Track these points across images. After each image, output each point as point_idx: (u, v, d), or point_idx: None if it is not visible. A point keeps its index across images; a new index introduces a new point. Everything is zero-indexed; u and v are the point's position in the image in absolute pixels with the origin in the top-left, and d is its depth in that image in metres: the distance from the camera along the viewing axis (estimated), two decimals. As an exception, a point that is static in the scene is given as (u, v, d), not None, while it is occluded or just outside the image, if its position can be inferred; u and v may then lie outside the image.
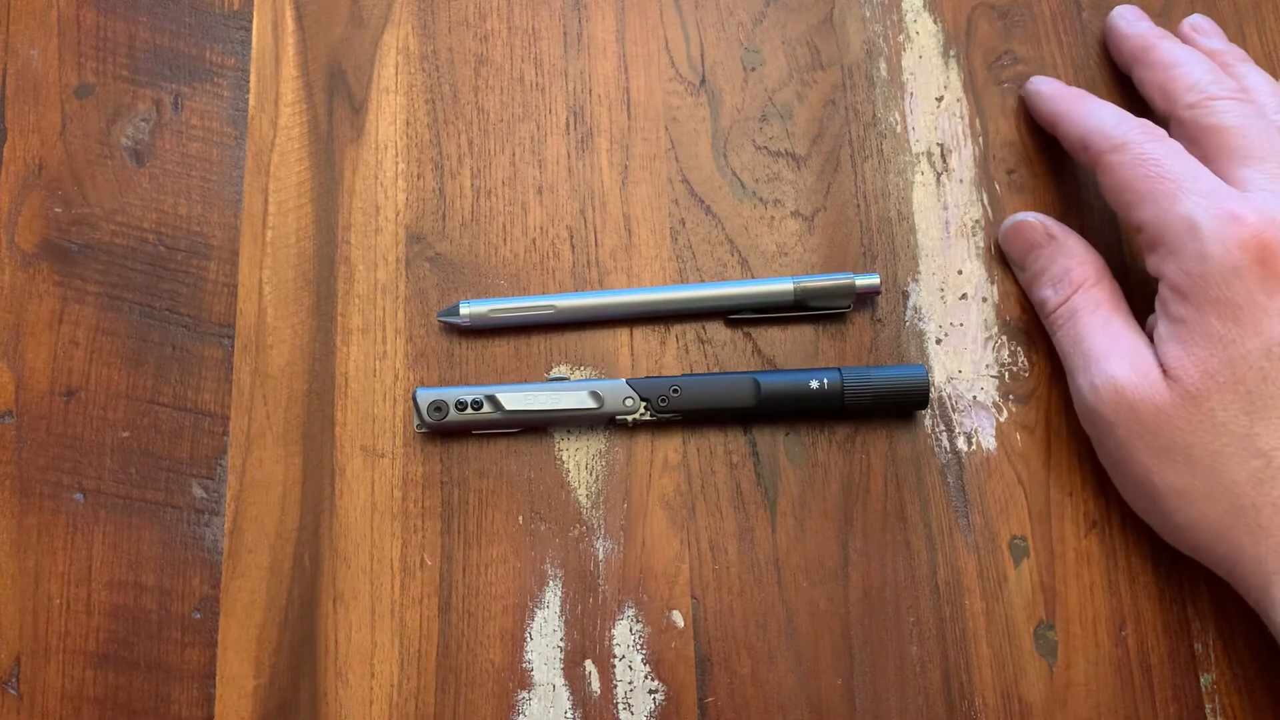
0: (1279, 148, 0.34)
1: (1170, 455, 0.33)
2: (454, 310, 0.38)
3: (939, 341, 0.39)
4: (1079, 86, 0.42)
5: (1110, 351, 0.34)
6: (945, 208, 0.41)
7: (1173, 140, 0.35)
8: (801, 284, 0.38)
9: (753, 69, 0.42)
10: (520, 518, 0.37)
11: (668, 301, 0.39)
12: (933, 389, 0.39)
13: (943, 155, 0.41)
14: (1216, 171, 0.34)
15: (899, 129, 0.42)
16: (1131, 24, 0.40)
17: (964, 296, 0.40)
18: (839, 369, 0.37)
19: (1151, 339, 0.35)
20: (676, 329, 0.39)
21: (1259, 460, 0.32)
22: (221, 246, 0.40)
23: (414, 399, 0.37)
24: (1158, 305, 0.34)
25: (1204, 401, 0.32)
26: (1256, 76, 0.38)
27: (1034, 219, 0.38)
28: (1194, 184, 0.33)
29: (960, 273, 0.40)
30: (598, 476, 0.38)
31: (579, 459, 0.38)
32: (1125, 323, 0.36)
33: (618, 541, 0.37)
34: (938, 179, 0.41)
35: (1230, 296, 0.32)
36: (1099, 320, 0.35)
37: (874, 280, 0.39)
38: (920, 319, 0.40)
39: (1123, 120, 0.36)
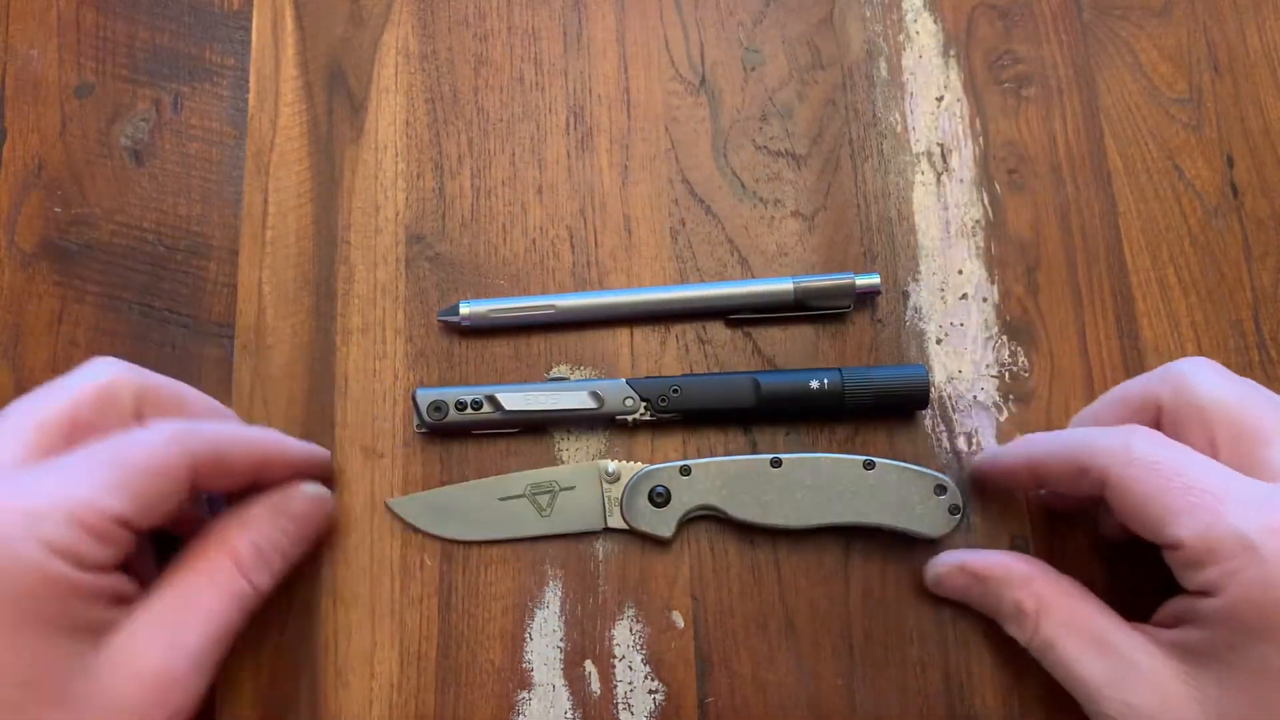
0: None
1: None
2: (454, 310, 0.38)
3: (939, 341, 0.39)
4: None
5: (1115, 678, 0.30)
6: (945, 208, 0.41)
7: (1178, 442, 0.30)
8: (801, 284, 0.38)
9: (753, 69, 0.42)
10: (520, 518, 0.37)
11: (668, 301, 0.39)
12: (933, 389, 0.39)
13: (943, 155, 0.41)
14: (1235, 462, 0.30)
15: (899, 129, 0.42)
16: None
17: (964, 296, 0.40)
18: (839, 369, 0.37)
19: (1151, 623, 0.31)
20: (676, 329, 0.39)
21: None
22: (221, 246, 0.40)
23: (414, 399, 0.37)
24: (1184, 612, 0.30)
25: None
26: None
27: (946, 567, 0.35)
28: (1230, 492, 0.28)
29: (960, 273, 0.40)
30: (598, 476, 0.38)
31: (579, 459, 0.38)
32: (1111, 632, 0.31)
33: (618, 542, 0.37)
34: (938, 179, 0.41)
35: None
36: (1081, 643, 0.31)
37: (874, 280, 0.39)
38: (920, 319, 0.40)
39: (1111, 431, 0.31)
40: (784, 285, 0.38)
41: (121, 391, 0.31)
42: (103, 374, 0.31)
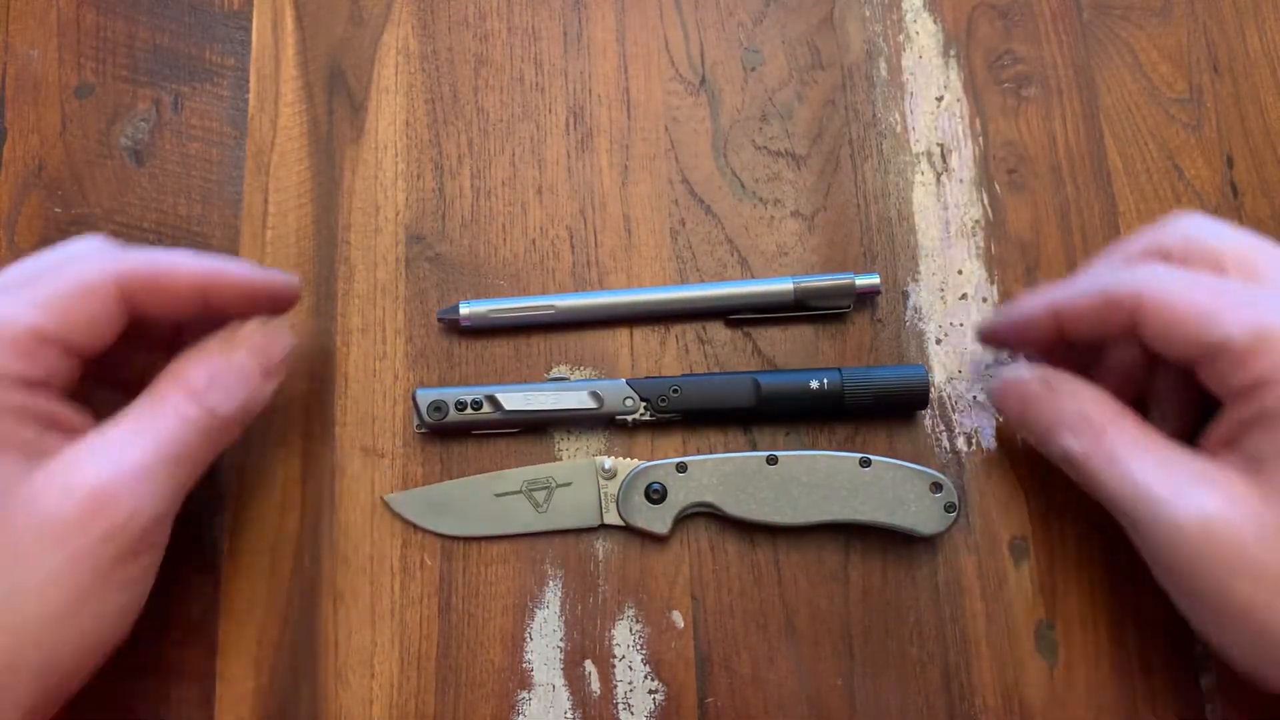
0: None
1: None
2: (454, 310, 0.38)
3: (939, 341, 0.39)
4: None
5: (1183, 484, 0.29)
6: (945, 208, 0.41)
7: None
8: (801, 284, 0.38)
9: (753, 69, 0.42)
10: (520, 518, 0.37)
11: (668, 302, 0.39)
12: (933, 389, 0.39)
13: (943, 155, 0.41)
14: None
15: (899, 129, 0.42)
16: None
17: (964, 296, 0.40)
18: (839, 369, 0.37)
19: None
20: (676, 329, 0.39)
21: None
22: (221, 247, 0.40)
23: (414, 399, 0.37)
24: (1234, 426, 0.30)
25: None
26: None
27: (1028, 375, 0.35)
28: (1261, 292, 0.30)
29: (960, 273, 0.40)
30: (598, 476, 0.38)
31: (579, 459, 0.38)
32: (1175, 449, 0.31)
33: (618, 541, 0.37)
34: (938, 179, 0.41)
35: None
36: (1148, 454, 0.31)
37: (874, 280, 0.39)
38: (920, 319, 0.40)
39: (1135, 268, 0.32)
40: (784, 285, 0.38)
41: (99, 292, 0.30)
42: (86, 273, 0.30)
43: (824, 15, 0.43)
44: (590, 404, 0.37)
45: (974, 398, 0.39)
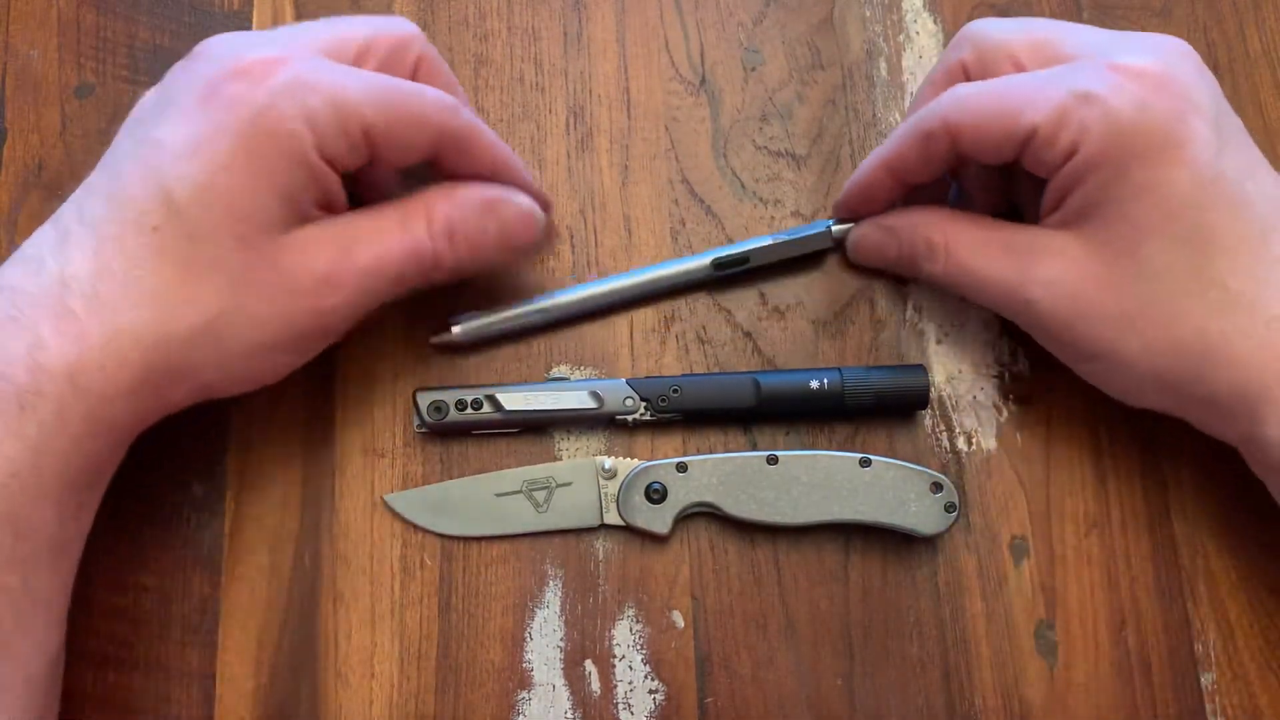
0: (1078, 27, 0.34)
1: (1127, 320, 0.32)
2: (446, 332, 0.38)
3: (939, 341, 0.39)
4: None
5: (1027, 264, 0.33)
6: (945, 208, 0.41)
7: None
8: (781, 239, 0.38)
9: (753, 69, 0.42)
10: (520, 518, 0.37)
11: (654, 280, 0.39)
12: (933, 389, 0.39)
13: (943, 155, 0.41)
14: (1042, 67, 0.34)
15: (899, 129, 0.42)
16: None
17: (964, 297, 0.40)
18: (839, 369, 0.37)
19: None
20: (676, 329, 0.39)
21: (1215, 291, 0.31)
22: (221, 246, 0.40)
23: (414, 399, 0.37)
24: (1057, 192, 0.33)
25: (1142, 254, 0.31)
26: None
27: (864, 227, 0.38)
28: (1050, 73, 0.32)
29: (960, 273, 0.40)
30: (598, 476, 0.38)
31: (579, 459, 0.38)
32: (1012, 233, 0.34)
33: (618, 541, 0.37)
34: (938, 179, 0.41)
35: (1147, 141, 0.30)
36: (989, 252, 0.34)
37: (847, 228, 0.39)
38: (920, 319, 0.40)
39: (924, 110, 0.34)
40: (762, 243, 0.38)
41: (412, 46, 0.34)
42: (403, 27, 0.34)
43: (824, 15, 0.43)
44: (590, 404, 0.37)
45: (974, 398, 0.39)
